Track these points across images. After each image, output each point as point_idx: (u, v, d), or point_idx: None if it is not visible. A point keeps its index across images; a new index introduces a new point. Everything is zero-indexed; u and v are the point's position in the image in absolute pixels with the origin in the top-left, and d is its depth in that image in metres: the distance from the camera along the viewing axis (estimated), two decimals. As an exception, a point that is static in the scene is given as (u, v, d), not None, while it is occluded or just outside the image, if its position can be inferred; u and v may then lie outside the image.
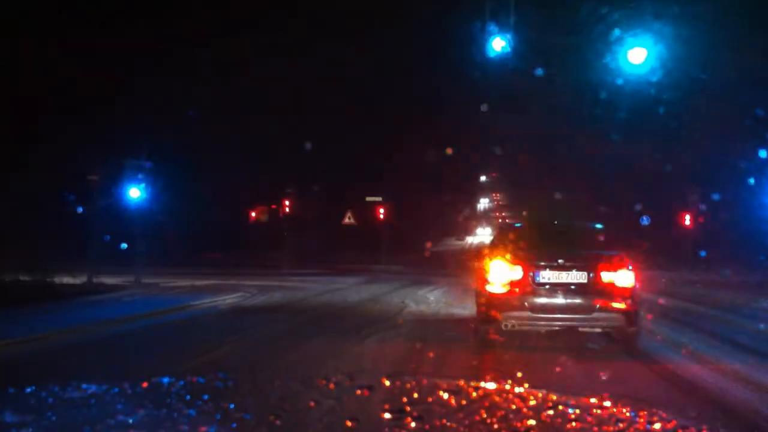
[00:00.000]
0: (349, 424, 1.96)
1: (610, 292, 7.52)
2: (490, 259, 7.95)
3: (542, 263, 7.64)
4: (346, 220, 30.60)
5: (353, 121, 37.58)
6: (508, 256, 7.79)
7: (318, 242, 33.58)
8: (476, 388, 2.45)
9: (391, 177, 36.45)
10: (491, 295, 7.65)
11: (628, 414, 2.18)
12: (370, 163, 38.13)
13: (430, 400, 2.28)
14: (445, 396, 2.32)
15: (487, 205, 78.49)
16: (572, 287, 7.54)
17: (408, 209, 40.08)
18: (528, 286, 7.60)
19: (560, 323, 7.67)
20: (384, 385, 2.45)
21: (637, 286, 7.78)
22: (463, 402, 2.26)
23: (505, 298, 7.55)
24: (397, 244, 34.07)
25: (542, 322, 7.67)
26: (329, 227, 33.61)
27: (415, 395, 2.35)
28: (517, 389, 2.44)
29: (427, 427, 1.98)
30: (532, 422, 2.12)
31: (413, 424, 1.96)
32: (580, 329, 7.77)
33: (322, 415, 2.10)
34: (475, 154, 50.07)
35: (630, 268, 7.70)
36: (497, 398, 2.36)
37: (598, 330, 7.83)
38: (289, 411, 2.11)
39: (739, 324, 11.20)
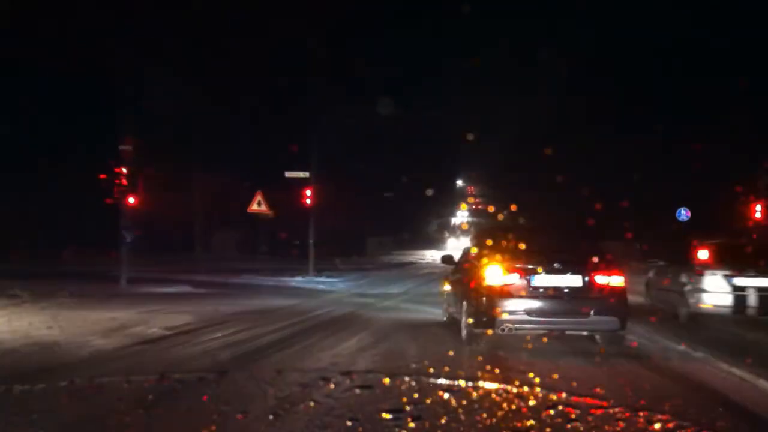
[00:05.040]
0: (349, 424, 1.97)
1: (604, 295, 7.65)
2: (486, 264, 7.95)
3: (538, 267, 7.67)
4: (255, 207, 22.01)
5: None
6: (503, 260, 7.84)
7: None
8: (476, 388, 2.47)
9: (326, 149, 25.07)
10: (487, 298, 7.69)
11: (628, 414, 2.19)
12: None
13: (429, 400, 2.29)
14: (445, 396, 2.33)
15: (463, 215, 68.47)
16: (567, 291, 7.64)
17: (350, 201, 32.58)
18: (524, 290, 7.66)
19: (556, 326, 7.77)
20: (384, 385, 2.46)
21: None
22: (463, 402, 2.28)
23: (502, 302, 7.61)
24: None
25: (538, 325, 7.73)
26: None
27: (415, 395, 2.35)
28: (517, 389, 2.45)
29: (427, 426, 1.99)
30: (532, 422, 2.13)
31: (413, 424, 1.96)
32: (576, 332, 7.90)
33: (322, 414, 2.10)
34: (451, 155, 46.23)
35: (621, 272, 7.83)
36: (497, 398, 2.36)
37: (592, 333, 7.94)
38: (289, 410, 2.11)
39: None
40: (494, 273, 7.72)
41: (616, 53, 31.44)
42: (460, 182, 70.12)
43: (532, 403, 2.31)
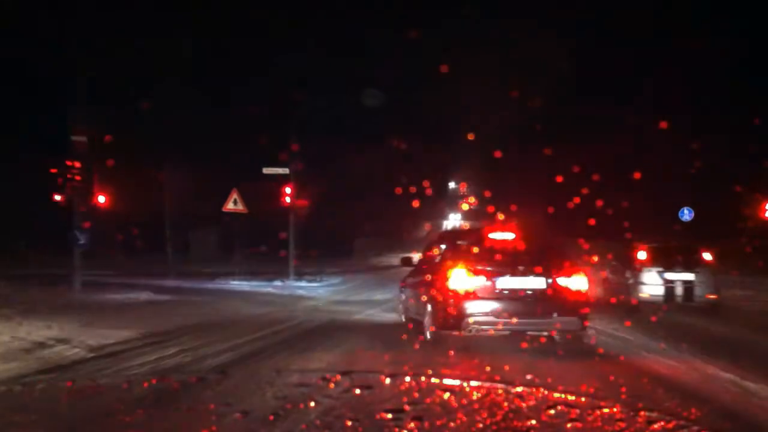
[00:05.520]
0: (349, 424, 1.95)
1: (567, 296, 7.84)
2: (452, 266, 8.01)
3: (503, 270, 7.78)
4: (231, 206, 20.31)
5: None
6: (469, 263, 7.94)
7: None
8: (476, 388, 2.41)
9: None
10: (454, 300, 7.78)
11: (628, 414, 2.14)
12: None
13: (429, 400, 2.26)
14: (446, 396, 2.32)
15: (456, 217, 64.99)
16: (531, 293, 7.80)
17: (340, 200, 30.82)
18: (489, 292, 7.77)
19: (521, 327, 7.87)
20: (384, 385, 2.45)
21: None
22: (464, 402, 2.26)
23: (468, 304, 7.74)
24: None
25: (504, 327, 7.79)
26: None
27: (415, 395, 2.33)
28: (516, 389, 2.38)
29: (427, 426, 1.96)
30: (532, 422, 2.09)
31: (413, 424, 1.94)
32: (540, 332, 8.09)
33: (323, 414, 2.06)
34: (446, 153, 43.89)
35: (583, 273, 8.09)
36: (497, 398, 2.31)
37: (556, 332, 8.05)
38: (288, 410, 2.08)
39: None
40: (460, 276, 7.86)
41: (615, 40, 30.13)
42: (452, 184, 68.05)
43: (532, 403, 2.26)
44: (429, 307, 8.36)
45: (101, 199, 20.15)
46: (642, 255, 12.77)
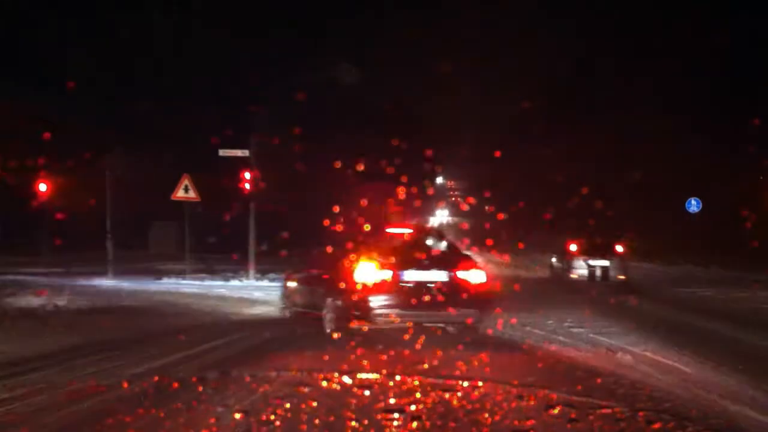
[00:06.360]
0: (349, 424, 2.05)
1: (467, 289, 8.31)
2: (358, 260, 8.43)
3: (407, 263, 8.28)
4: (181, 194, 17.88)
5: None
6: (375, 257, 8.39)
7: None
8: (476, 388, 2.57)
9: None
10: (361, 293, 8.22)
11: (627, 414, 2.24)
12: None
13: (429, 400, 2.38)
14: (446, 396, 2.44)
15: (444, 213, 61.56)
16: (434, 285, 8.29)
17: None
18: (395, 285, 8.23)
19: (425, 319, 8.40)
20: (384, 385, 2.62)
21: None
22: (464, 402, 2.39)
23: (374, 297, 8.15)
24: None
25: (409, 319, 8.26)
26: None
27: (416, 395, 2.44)
28: (516, 389, 2.53)
29: (427, 426, 2.05)
30: (532, 422, 2.20)
31: (413, 424, 2.03)
32: (442, 324, 8.50)
33: (323, 414, 2.17)
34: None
35: (481, 267, 8.67)
36: (497, 398, 2.44)
37: (457, 323, 8.42)
38: (289, 410, 2.19)
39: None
40: (367, 269, 8.33)
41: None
42: (440, 179, 65.93)
43: (532, 403, 2.38)
44: (329, 300, 8.67)
45: (42, 187, 18.52)
46: (573, 247, 17.04)
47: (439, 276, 8.47)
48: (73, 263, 21.75)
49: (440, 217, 62.64)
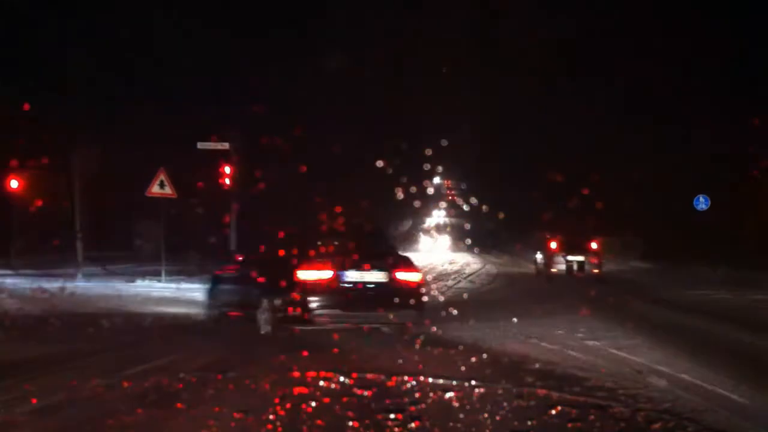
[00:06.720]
0: (349, 424, 2.04)
1: (405, 289, 8.28)
2: (300, 259, 8.23)
3: (348, 264, 8.25)
4: (156, 190, 16.69)
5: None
6: (317, 257, 8.31)
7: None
8: (476, 388, 2.57)
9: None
10: (301, 293, 8.04)
11: (627, 414, 2.23)
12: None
13: (429, 400, 2.39)
14: (446, 396, 2.45)
15: (440, 214, 61.74)
16: (374, 285, 8.32)
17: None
18: (335, 285, 8.15)
19: (365, 319, 8.21)
20: (384, 385, 2.61)
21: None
22: (464, 402, 2.38)
23: (315, 296, 8.05)
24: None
25: (349, 319, 8.18)
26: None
27: (416, 395, 2.45)
28: (516, 389, 2.50)
29: (427, 426, 2.05)
30: (532, 422, 2.20)
31: (413, 424, 2.03)
32: (381, 323, 8.27)
33: (323, 414, 2.16)
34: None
35: (418, 269, 8.95)
36: (497, 398, 2.44)
37: (395, 323, 8.16)
38: (289, 410, 2.20)
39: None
40: (308, 269, 8.26)
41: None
42: (437, 179, 65.08)
43: (532, 403, 2.36)
44: (266, 302, 8.59)
45: (14, 183, 17.58)
46: (553, 245, 18.73)
47: (379, 276, 8.45)
48: (51, 265, 20.78)
49: (437, 217, 61.77)
